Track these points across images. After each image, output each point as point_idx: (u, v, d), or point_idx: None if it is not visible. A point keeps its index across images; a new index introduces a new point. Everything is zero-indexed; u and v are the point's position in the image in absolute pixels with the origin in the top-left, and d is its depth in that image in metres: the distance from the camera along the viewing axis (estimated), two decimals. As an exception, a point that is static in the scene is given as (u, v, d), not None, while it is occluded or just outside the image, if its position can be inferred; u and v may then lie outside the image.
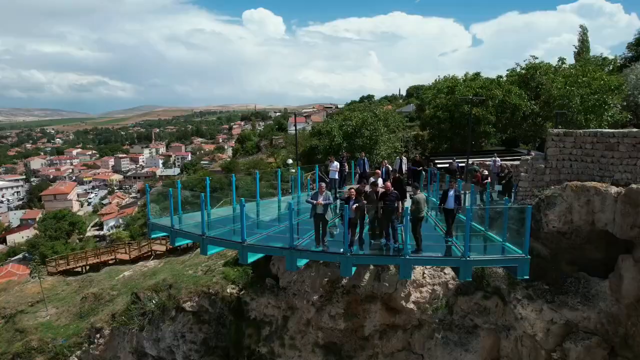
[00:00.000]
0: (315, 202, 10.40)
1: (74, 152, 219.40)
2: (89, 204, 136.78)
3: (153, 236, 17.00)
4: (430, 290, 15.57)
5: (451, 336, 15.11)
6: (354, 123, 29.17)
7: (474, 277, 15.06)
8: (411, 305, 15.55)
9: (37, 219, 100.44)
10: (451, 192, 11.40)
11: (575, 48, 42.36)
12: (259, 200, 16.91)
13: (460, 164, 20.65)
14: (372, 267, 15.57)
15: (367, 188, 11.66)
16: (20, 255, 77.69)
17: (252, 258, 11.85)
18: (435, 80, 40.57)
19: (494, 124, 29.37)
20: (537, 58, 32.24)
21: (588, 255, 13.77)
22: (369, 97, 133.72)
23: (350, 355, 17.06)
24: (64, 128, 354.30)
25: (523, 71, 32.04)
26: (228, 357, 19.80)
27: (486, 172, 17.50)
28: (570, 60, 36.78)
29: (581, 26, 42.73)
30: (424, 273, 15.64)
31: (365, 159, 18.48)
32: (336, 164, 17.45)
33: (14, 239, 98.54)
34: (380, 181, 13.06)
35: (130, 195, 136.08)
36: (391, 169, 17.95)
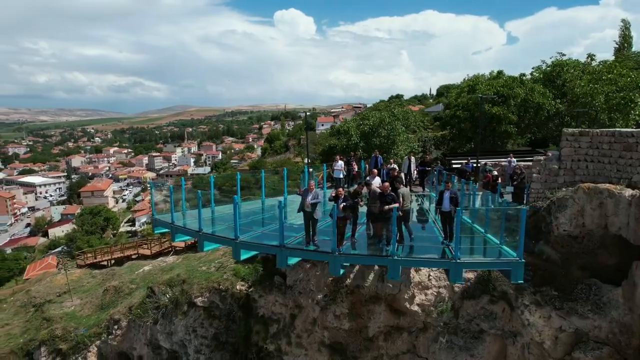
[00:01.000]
0: (299, 191, 10.36)
1: (111, 150, 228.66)
2: (123, 200, 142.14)
3: (157, 232, 17.48)
4: (435, 293, 15.25)
5: (456, 340, 14.75)
6: (371, 122, 28.93)
7: (480, 280, 14.73)
8: (415, 308, 15.29)
9: (76, 214, 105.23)
10: (447, 194, 11.11)
11: (616, 44, 40.17)
12: (264, 199, 17.08)
13: (474, 165, 20.10)
14: (376, 267, 15.42)
15: (365, 189, 11.57)
16: (59, 248, 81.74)
17: (245, 255, 11.99)
18: (464, 79, 39.70)
19: (515, 124, 28.35)
20: (565, 55, 30.91)
21: (600, 261, 13.13)
22: (398, 97, 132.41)
23: (356, 356, 16.95)
24: (102, 127, 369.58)
25: (548, 69, 30.77)
26: (237, 353, 20.09)
27: (496, 173, 16.96)
28: (608, 56, 35.04)
29: (623, 20, 40.39)
30: (429, 275, 15.36)
31: (380, 157, 18.22)
32: (341, 163, 17.37)
33: (54, 232, 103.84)
34: (377, 180, 12.89)
35: (162, 193, 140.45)
36: (397, 169, 17.65)
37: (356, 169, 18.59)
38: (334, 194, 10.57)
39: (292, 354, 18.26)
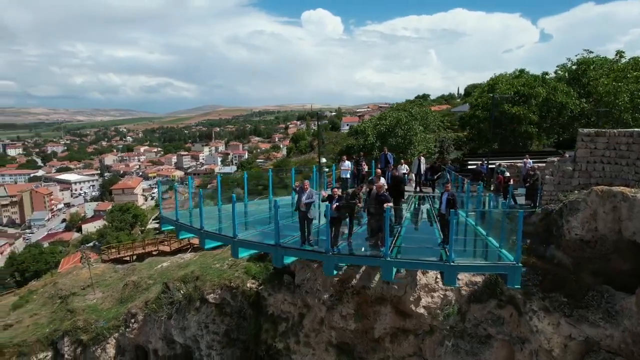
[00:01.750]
0: (295, 186, 10.42)
1: (142, 149, 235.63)
2: (152, 198, 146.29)
3: (164, 229, 17.91)
4: (442, 296, 14.98)
5: (462, 344, 14.44)
6: (388, 123, 28.68)
7: (488, 284, 14.37)
8: (421, 310, 15.06)
9: (107, 211, 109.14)
10: (445, 196, 10.90)
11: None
12: (271, 197, 17.22)
13: (489, 166, 19.61)
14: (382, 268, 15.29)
15: (364, 190, 11.50)
16: (91, 243, 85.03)
17: (243, 253, 12.14)
18: (490, 78, 38.68)
19: (537, 124, 27.40)
20: (592, 52, 29.63)
21: (614, 267, 12.57)
22: (424, 97, 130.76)
23: (363, 357, 16.85)
24: (134, 127, 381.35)
25: (574, 67, 29.56)
26: (248, 350, 20.37)
27: (508, 174, 16.50)
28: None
29: None
30: (436, 277, 15.07)
31: (389, 154, 18.02)
32: (347, 163, 17.29)
33: (87, 228, 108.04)
34: (382, 181, 12.78)
35: (190, 191, 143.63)
36: (407, 170, 17.47)
37: (366, 169, 18.47)
38: (325, 195, 10.56)
39: (300, 353, 18.35)
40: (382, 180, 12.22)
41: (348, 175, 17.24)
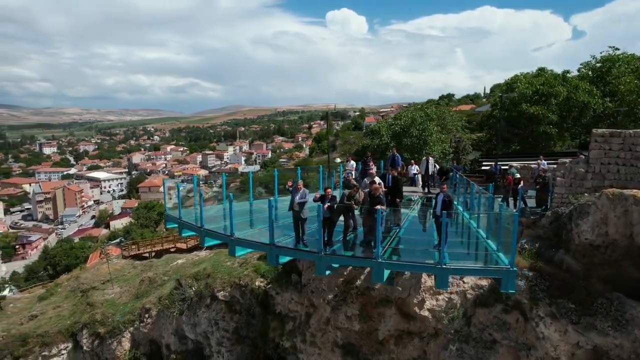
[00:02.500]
0: (288, 186, 10.45)
1: (168, 148, 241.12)
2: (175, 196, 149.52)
3: (168, 226, 18.25)
4: (446, 299, 14.71)
5: (467, 349, 14.14)
6: (402, 122, 28.36)
7: (493, 288, 14.01)
8: (426, 313, 14.85)
9: (133, 208, 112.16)
10: (440, 197, 10.67)
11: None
12: (277, 197, 17.32)
13: (502, 167, 19.10)
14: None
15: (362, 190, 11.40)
16: (117, 240, 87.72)
17: (240, 252, 12.25)
18: (510, 77, 37.69)
19: (556, 124, 26.44)
20: (619, 49, 28.34)
21: (625, 274, 12.06)
22: (449, 96, 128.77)
23: (368, 359, 16.75)
24: (161, 126, 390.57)
25: (598, 64, 28.34)
26: (256, 348, 20.55)
27: (518, 175, 16.04)
28: None
29: None
30: (441, 280, 14.84)
31: (398, 155, 17.77)
32: (352, 163, 17.19)
33: (114, 224, 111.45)
34: (377, 181, 12.63)
35: (213, 190, 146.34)
36: (417, 170, 17.21)
37: (374, 170, 18.29)
38: (318, 195, 10.53)
39: (306, 352, 18.38)
40: (378, 181, 12.12)
41: (353, 176, 17.10)
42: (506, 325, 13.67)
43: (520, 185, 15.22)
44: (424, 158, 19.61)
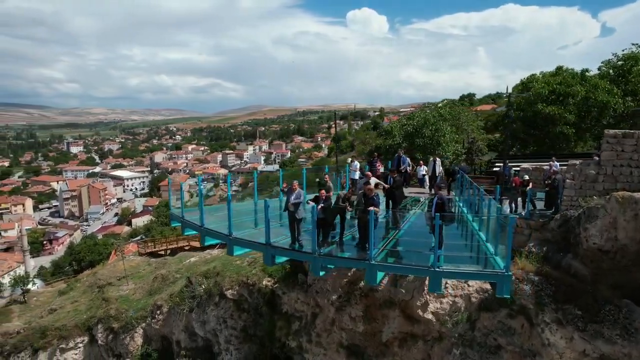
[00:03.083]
0: (283, 187, 10.46)
1: (189, 147, 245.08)
2: (197, 195, 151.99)
3: (173, 224, 18.49)
4: (451, 302, 14.47)
5: (471, 354, 13.87)
6: (415, 123, 28.03)
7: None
8: (429, 316, 14.64)
9: (154, 206, 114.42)
10: (435, 199, 10.49)
11: None
12: (281, 197, 17.33)
13: (514, 169, 18.65)
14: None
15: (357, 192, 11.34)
16: (138, 237, 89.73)
17: (238, 252, 12.33)
18: (527, 77, 36.78)
19: (574, 125, 25.58)
20: (644, 46, 27.17)
21: (635, 280, 11.62)
22: (469, 96, 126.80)
23: (372, 360, 16.66)
24: (183, 126, 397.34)
25: (619, 63, 27.29)
26: (264, 347, 20.69)
27: (527, 177, 15.63)
28: None
29: None
30: (445, 283, 14.58)
31: (403, 157, 17.56)
32: (356, 163, 17.07)
33: (136, 222, 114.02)
34: (373, 182, 12.51)
35: (232, 189, 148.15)
36: (426, 171, 16.97)
37: (381, 170, 18.15)
38: (313, 196, 10.52)
39: (312, 352, 18.40)
40: (373, 181, 12.01)
41: (357, 176, 17.02)
42: (511, 331, 13.35)
43: (528, 187, 14.83)
44: (432, 159, 19.33)
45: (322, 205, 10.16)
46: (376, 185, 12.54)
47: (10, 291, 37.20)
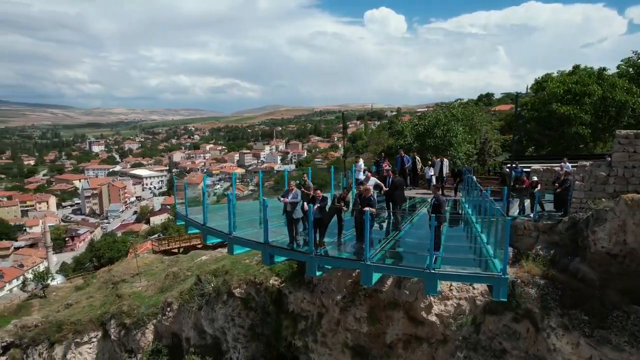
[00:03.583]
0: (282, 199, 10.52)
1: (207, 147, 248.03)
2: (214, 194, 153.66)
3: (178, 223, 18.72)
4: (455, 305, 14.30)
5: (475, 357, 13.66)
6: (426, 122, 27.72)
7: (504, 295, 13.47)
8: (433, 318, 14.49)
9: (172, 205, 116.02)
10: (433, 200, 10.33)
11: None
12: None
13: (525, 170, 18.24)
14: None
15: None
16: (156, 235, 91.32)
17: (238, 250, 12.40)
18: (541, 76, 35.93)
19: (590, 125, 24.82)
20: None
21: (644, 285, 11.23)
22: (488, 95, 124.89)
23: (377, 362, 16.57)
24: (202, 126, 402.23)
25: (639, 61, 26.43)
26: (271, 346, 20.80)
27: (536, 178, 15.29)
28: None
29: None
30: (450, 285, 14.43)
31: (406, 157, 17.36)
32: (361, 163, 16.97)
33: (154, 220, 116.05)
34: (372, 182, 12.40)
35: (249, 188, 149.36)
36: (432, 172, 16.77)
37: (388, 170, 18.00)
38: (311, 196, 10.50)
39: (317, 352, 18.42)
40: (372, 182, 11.92)
41: (361, 176, 16.92)
42: (516, 335, 13.11)
43: (536, 189, 14.51)
44: (438, 160, 19.08)
45: (319, 205, 10.18)
46: (376, 186, 12.48)
47: (33, 286, 38.50)
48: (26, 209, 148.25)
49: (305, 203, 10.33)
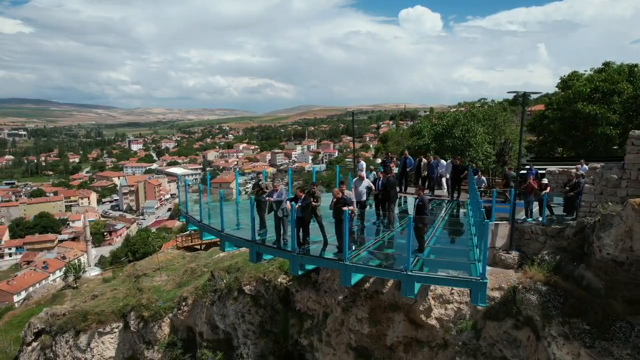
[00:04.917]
0: (267, 198, 10.57)
1: (241, 146, 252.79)
2: (245, 192, 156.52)
3: (182, 220, 19.12)
4: (456, 308, 13.94)
5: (474, 364, 13.28)
6: (445, 122, 27.14)
7: (504, 301, 13.02)
8: (433, 322, 14.18)
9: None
10: (417, 201, 10.06)
11: None
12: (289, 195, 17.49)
13: (540, 171, 17.48)
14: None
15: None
16: (187, 232, 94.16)
17: (229, 248, 12.57)
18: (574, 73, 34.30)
19: (619, 125, 23.40)
20: None
21: (651, 296, 10.54)
22: (524, 95, 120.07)
23: (379, 364, 16.38)
24: (236, 125, 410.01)
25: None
26: (279, 343, 20.98)
27: (546, 181, 14.63)
28: None
29: None
30: (452, 289, 14.07)
31: (410, 158, 17.05)
32: (362, 164, 16.78)
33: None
34: (365, 183, 12.24)
35: (268, 189, 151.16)
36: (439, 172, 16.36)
37: (394, 170, 17.75)
38: (293, 195, 10.51)
39: (322, 351, 18.40)
40: (365, 183, 11.76)
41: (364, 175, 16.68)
42: (517, 342, 12.64)
43: (544, 192, 13.90)
44: (449, 161, 18.55)
45: (300, 204, 10.18)
46: (368, 187, 12.33)
47: (72, 276, 40.74)
48: (70, 204, 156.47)
49: (288, 202, 10.36)
